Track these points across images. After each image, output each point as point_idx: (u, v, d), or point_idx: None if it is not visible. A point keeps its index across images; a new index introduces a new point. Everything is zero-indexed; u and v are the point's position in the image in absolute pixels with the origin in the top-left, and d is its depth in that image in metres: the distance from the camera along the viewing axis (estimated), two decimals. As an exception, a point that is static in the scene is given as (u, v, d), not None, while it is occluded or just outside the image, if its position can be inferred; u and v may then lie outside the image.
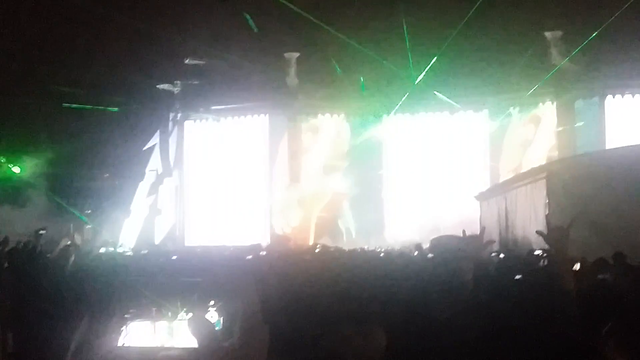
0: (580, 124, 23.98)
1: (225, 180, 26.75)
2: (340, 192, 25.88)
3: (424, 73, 24.44)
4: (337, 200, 25.94)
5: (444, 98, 24.81)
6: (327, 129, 26.65)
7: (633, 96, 23.84)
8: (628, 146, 18.09)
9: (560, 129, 24.30)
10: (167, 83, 26.98)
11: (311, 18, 24.41)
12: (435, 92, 24.74)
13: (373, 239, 23.36)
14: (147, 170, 27.35)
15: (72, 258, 9.20)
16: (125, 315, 5.47)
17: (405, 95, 24.97)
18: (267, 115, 26.72)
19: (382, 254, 15.35)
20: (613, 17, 20.83)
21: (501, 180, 22.63)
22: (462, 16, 22.83)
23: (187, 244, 25.76)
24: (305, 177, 26.27)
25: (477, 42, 23.66)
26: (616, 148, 19.58)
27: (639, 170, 14.67)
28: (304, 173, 26.32)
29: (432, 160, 26.05)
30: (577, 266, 9.17)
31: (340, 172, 26.12)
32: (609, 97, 23.99)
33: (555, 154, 23.73)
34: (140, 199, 27.16)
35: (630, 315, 4.78)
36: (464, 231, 4.46)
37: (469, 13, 22.41)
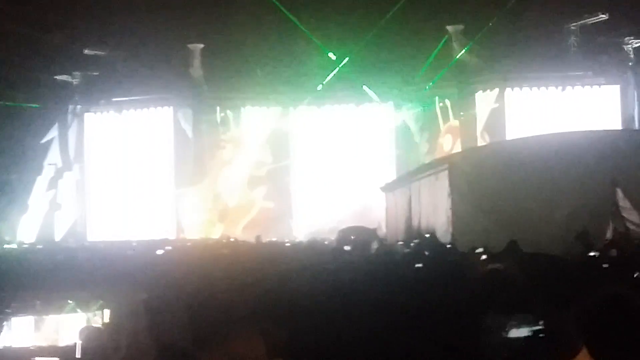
0: (481, 115, 24.58)
1: (129, 174, 26.14)
2: (248, 184, 25.71)
3: (335, 70, 24.53)
4: (244, 193, 25.75)
5: (355, 90, 25.05)
6: (233, 120, 26.39)
7: (531, 89, 24.56)
8: (527, 137, 18.62)
9: (462, 120, 24.85)
10: (66, 74, 26.08)
11: (216, 9, 24.17)
12: (341, 83, 24.93)
13: (282, 231, 23.33)
14: (45, 164, 26.42)
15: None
16: (7, 310, 5.18)
17: (316, 87, 25.08)
18: (171, 107, 26.21)
19: (288, 245, 15.34)
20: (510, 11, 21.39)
21: (405, 171, 22.91)
22: (371, 11, 23.14)
23: (89, 239, 25.03)
24: (212, 170, 25.95)
25: (385, 36, 23.91)
26: (515, 139, 20.14)
27: (537, 160, 15.06)
28: (211, 166, 25.99)
29: (339, 152, 26.20)
30: (476, 256, 9.35)
31: (248, 165, 25.93)
32: (509, 89, 24.64)
33: (457, 145, 24.23)
34: (39, 194, 26.22)
35: (523, 304, 4.85)
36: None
37: (373, 9, 22.72)
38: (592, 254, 8.94)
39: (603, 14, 23.33)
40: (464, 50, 23.98)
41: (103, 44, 25.41)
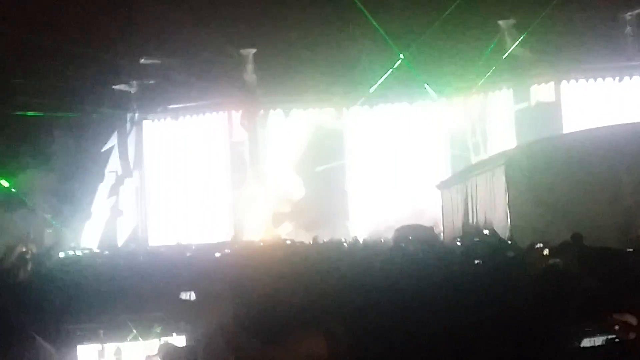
0: (537, 109, 24.28)
1: (187, 179, 26.52)
2: (304, 185, 25.86)
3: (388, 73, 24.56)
4: (300, 194, 25.92)
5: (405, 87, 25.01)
6: (288, 123, 26.58)
7: (587, 80, 24.15)
8: (584, 130, 18.37)
9: (517, 115, 24.57)
10: (123, 83, 26.64)
11: (267, 14, 24.41)
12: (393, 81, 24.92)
13: (338, 232, 23.39)
14: (106, 171, 27.03)
15: (29, 265, 8.92)
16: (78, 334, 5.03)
17: (369, 89, 25.13)
18: (226, 112, 26.54)
19: (346, 246, 15.41)
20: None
21: (462, 168, 22.81)
22: (425, 12, 23.08)
23: (150, 244, 25.49)
24: (267, 172, 26.18)
25: (439, 33, 23.80)
26: (572, 133, 19.88)
27: (595, 154, 14.90)
28: (265, 168, 26.23)
29: (394, 151, 26.16)
30: (538, 251, 9.29)
31: (302, 166, 26.07)
32: (564, 82, 24.28)
33: (513, 140, 23.98)
34: (100, 200, 26.84)
35: (590, 300, 4.84)
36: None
37: (428, 9, 22.67)
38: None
39: (660, 2, 22.85)
40: (515, 45, 23.73)
41: (158, 52, 25.87)
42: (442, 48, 24.08)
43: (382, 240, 17.31)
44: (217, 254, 14.44)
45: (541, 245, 9.81)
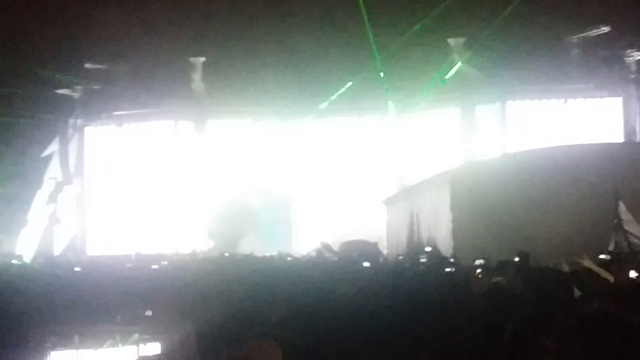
0: (482, 128, 24.53)
1: (128, 188, 26.05)
2: (248, 197, 25.61)
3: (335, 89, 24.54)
4: (244, 207, 25.65)
5: (353, 101, 25.02)
6: (236, 134, 26.36)
7: (532, 101, 24.50)
8: (528, 150, 18.60)
9: (463, 133, 24.77)
10: (67, 88, 26.06)
11: (217, 22, 24.19)
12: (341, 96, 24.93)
13: (283, 245, 23.19)
14: (45, 177, 26.35)
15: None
16: (46, 344, 4.84)
17: (319, 103, 25.08)
18: (172, 120, 26.19)
19: (290, 259, 15.23)
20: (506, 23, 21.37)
21: (407, 185, 22.86)
22: (378, 27, 23.16)
23: (89, 253, 24.94)
24: (211, 183, 25.88)
25: (390, 51, 23.89)
26: (516, 153, 20.12)
27: (539, 174, 15.06)
28: (210, 179, 25.93)
29: (341, 165, 26.13)
30: (479, 269, 9.25)
31: (248, 178, 25.85)
32: (510, 101, 24.59)
33: (459, 158, 24.14)
34: (38, 207, 26.14)
35: (530, 316, 4.77)
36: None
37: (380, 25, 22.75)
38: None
39: (605, 26, 23.29)
40: (462, 63, 23.98)
41: (104, 57, 25.40)
42: (391, 65, 24.17)
43: (326, 255, 17.19)
44: (156, 266, 14.24)
45: (482, 262, 9.79)
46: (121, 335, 4.57)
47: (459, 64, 24.03)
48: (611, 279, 7.42)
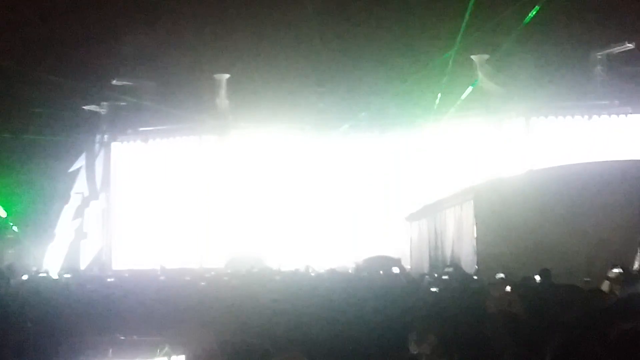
0: (507, 145, 24.46)
1: (154, 203, 26.25)
2: (273, 210, 25.72)
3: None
4: (269, 222, 25.74)
5: (375, 118, 25.09)
6: (259, 150, 26.48)
7: (557, 118, 24.41)
8: (552, 167, 18.51)
9: (487, 149, 24.71)
10: (94, 104, 26.40)
11: (242, 40, 24.43)
12: (363, 112, 25.03)
13: (306, 260, 23.22)
14: (72, 193, 26.65)
15: None
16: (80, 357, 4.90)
17: (343, 121, 25.18)
18: (197, 136, 26.40)
19: (314, 274, 15.29)
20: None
21: (431, 201, 22.82)
22: (399, 43, 23.22)
23: (114, 267, 25.14)
24: (239, 199, 26.01)
25: (415, 65, 23.96)
26: (541, 169, 20.02)
27: (563, 191, 14.98)
28: (237, 195, 26.06)
29: (364, 180, 26.14)
30: (505, 286, 9.25)
31: (273, 192, 25.95)
32: (534, 118, 24.51)
33: (483, 174, 24.06)
34: (65, 222, 26.43)
35: (560, 334, 4.78)
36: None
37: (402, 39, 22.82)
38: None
39: (630, 43, 23.20)
40: (487, 79, 23.96)
41: (131, 74, 25.72)
42: (416, 79, 24.20)
43: (349, 271, 17.23)
44: (186, 279, 14.38)
45: (505, 279, 9.78)
46: (151, 347, 4.66)
47: (482, 80, 24.04)
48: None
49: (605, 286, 8.27)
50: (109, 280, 14.30)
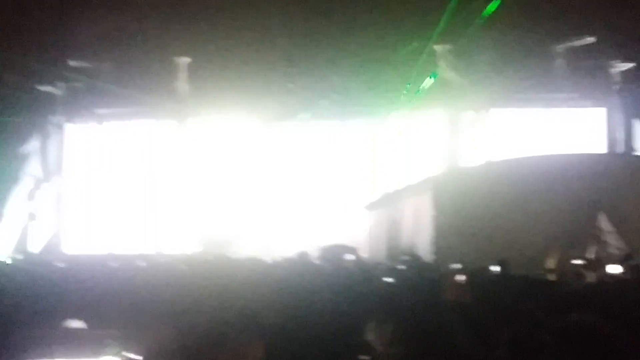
0: (466, 136, 24.55)
1: (110, 188, 25.84)
2: (230, 197, 25.52)
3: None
4: (224, 209, 25.54)
5: (336, 106, 24.95)
6: (218, 135, 26.21)
7: (516, 109, 24.56)
8: (511, 159, 18.64)
9: (447, 140, 24.77)
10: (48, 85, 25.79)
11: (204, 23, 24.07)
12: (324, 100, 24.87)
13: (263, 248, 23.09)
14: (24, 175, 26.04)
15: None
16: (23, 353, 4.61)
17: (304, 108, 24.99)
18: (155, 120, 26.03)
19: (271, 262, 15.13)
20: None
21: (390, 191, 22.83)
22: (361, 34, 23.11)
23: (66, 252, 24.70)
24: (193, 184, 25.74)
25: (367, 52, 23.90)
26: (499, 161, 20.15)
27: (520, 182, 15.08)
28: (192, 179, 25.79)
29: (323, 168, 26.04)
30: (461, 276, 9.20)
31: (230, 179, 25.74)
32: (494, 110, 24.63)
33: (442, 165, 24.14)
34: (16, 205, 25.85)
35: (514, 325, 4.71)
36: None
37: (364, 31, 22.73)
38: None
39: (590, 36, 23.39)
40: (447, 70, 24.00)
41: (88, 55, 25.17)
42: (375, 68, 24.14)
43: (307, 259, 17.10)
44: (141, 264, 14.10)
45: (461, 269, 9.76)
46: (99, 341, 4.45)
47: (443, 70, 24.05)
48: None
49: (559, 277, 8.25)
50: (57, 265, 13.91)
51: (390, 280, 9.63)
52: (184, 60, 25.57)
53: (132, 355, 4.10)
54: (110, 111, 25.79)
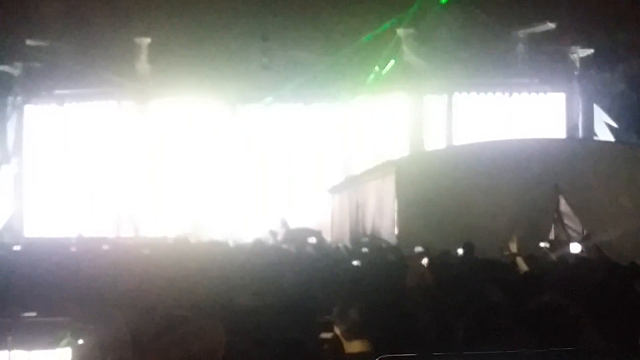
0: (428, 120, 24.70)
1: (70, 169, 25.50)
2: (193, 180, 25.37)
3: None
4: (188, 190, 25.40)
5: (301, 89, 24.90)
6: (178, 116, 25.99)
7: (478, 94, 24.75)
8: (473, 143, 18.80)
9: (409, 123, 24.88)
10: (6, 65, 25.29)
11: (165, 2, 23.79)
12: (290, 83, 24.80)
13: (226, 231, 23.02)
14: (-19, 156, 25.60)
15: None
16: None
17: (266, 91, 24.88)
18: (115, 101, 25.70)
19: (234, 245, 15.10)
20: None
21: (353, 174, 22.89)
22: (326, 16, 23.05)
23: (26, 235, 24.36)
24: (154, 166, 25.53)
25: (330, 35, 23.86)
26: (461, 145, 20.33)
27: (482, 166, 15.22)
28: (154, 162, 25.57)
29: (286, 152, 25.99)
30: (423, 260, 9.27)
31: (193, 162, 25.57)
32: (457, 94, 24.79)
33: (405, 149, 24.26)
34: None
35: (476, 308, 4.76)
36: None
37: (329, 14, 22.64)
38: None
39: (550, 22, 23.62)
40: (411, 53, 24.10)
41: (47, 34, 24.71)
42: (339, 52, 24.12)
43: (270, 242, 17.11)
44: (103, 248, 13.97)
45: (423, 253, 9.84)
46: (56, 329, 4.36)
47: (406, 54, 24.14)
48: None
49: (522, 260, 8.36)
50: (15, 248, 13.70)
51: (354, 263, 9.67)
52: (145, 41, 25.25)
53: (88, 342, 4.03)
54: (70, 92, 25.38)
